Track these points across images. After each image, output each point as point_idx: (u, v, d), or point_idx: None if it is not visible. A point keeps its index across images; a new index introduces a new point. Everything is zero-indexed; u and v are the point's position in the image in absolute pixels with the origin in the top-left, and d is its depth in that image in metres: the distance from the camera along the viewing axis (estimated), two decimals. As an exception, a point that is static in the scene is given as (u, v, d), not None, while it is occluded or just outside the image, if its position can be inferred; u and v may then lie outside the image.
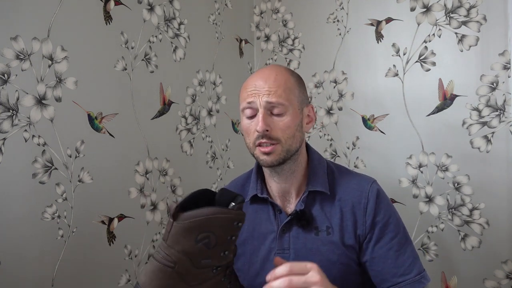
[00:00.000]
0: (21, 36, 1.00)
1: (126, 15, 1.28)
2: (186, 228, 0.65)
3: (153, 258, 0.67)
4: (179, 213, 0.65)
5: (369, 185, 0.91)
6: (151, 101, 1.37)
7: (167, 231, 0.66)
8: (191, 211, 0.65)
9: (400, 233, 0.89)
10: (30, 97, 1.02)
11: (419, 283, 0.84)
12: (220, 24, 1.71)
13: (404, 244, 0.88)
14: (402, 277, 0.85)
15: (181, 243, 0.65)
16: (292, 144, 0.87)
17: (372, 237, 0.88)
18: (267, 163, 0.87)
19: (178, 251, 0.66)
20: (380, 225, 0.88)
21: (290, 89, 0.87)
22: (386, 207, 0.90)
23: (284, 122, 0.86)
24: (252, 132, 0.87)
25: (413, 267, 0.86)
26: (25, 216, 1.01)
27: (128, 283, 1.27)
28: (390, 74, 1.54)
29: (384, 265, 0.86)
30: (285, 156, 0.87)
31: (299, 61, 1.78)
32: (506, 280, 1.35)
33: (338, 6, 1.66)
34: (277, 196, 0.94)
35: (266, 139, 0.85)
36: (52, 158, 1.07)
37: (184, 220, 0.65)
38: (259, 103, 0.85)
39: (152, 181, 1.37)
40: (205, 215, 0.65)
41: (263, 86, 0.86)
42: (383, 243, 0.87)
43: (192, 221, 0.65)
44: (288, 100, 0.86)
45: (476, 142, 1.39)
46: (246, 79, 0.92)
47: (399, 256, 0.86)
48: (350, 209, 0.89)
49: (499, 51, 1.35)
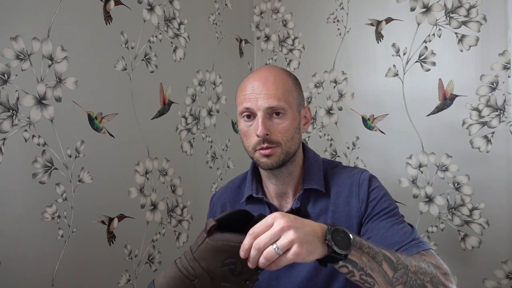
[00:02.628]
0: (21, 36, 1.00)
1: (126, 15, 1.28)
2: (217, 248, 0.64)
3: (176, 265, 0.66)
4: (215, 231, 0.64)
5: (360, 174, 0.91)
6: (151, 101, 1.37)
7: (197, 244, 0.65)
8: (226, 234, 0.64)
9: (395, 209, 0.87)
10: (30, 97, 1.02)
11: (416, 247, 0.79)
12: (220, 24, 1.71)
13: (400, 217, 0.86)
14: (399, 243, 0.81)
15: (208, 261, 0.65)
16: (291, 147, 0.87)
17: (368, 217, 0.87)
18: (267, 166, 0.87)
19: (202, 268, 0.65)
20: (374, 204, 0.87)
21: (288, 91, 0.87)
22: (378, 188, 0.89)
23: (283, 125, 0.86)
24: (251, 136, 0.86)
25: (410, 235, 0.82)
26: (25, 216, 1.01)
27: (128, 283, 1.27)
28: (390, 74, 1.54)
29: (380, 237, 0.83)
30: (284, 158, 0.87)
31: (299, 61, 1.78)
32: (506, 280, 1.35)
33: (338, 6, 1.66)
34: (274, 196, 0.94)
35: (266, 143, 0.85)
36: (52, 158, 1.07)
37: (217, 240, 0.64)
38: (257, 107, 0.84)
39: (152, 181, 1.37)
40: (239, 242, 0.64)
41: (261, 89, 0.85)
42: (377, 218, 0.86)
43: (225, 244, 0.64)
44: (287, 103, 0.86)
45: (476, 142, 1.39)
46: (243, 81, 0.91)
47: (394, 225, 0.84)
48: (344, 201, 0.89)
49: (499, 51, 1.35)
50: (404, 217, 0.89)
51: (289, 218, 0.62)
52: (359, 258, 0.65)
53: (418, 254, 0.77)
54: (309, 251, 0.60)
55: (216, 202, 1.03)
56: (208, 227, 0.64)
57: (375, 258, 0.67)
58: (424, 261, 0.73)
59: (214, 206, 1.03)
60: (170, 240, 1.44)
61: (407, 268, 0.69)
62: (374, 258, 0.67)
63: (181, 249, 1.47)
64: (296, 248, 0.59)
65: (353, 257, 0.64)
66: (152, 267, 1.36)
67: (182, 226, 1.48)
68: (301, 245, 0.59)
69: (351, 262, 0.65)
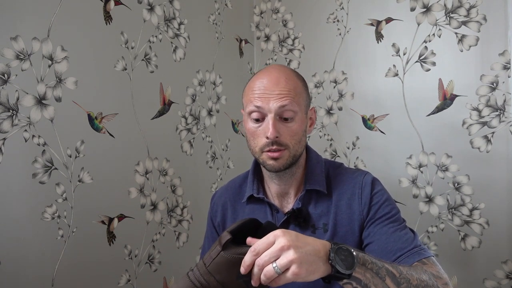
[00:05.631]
0: (21, 36, 1.00)
1: (126, 15, 1.28)
2: (232, 262, 0.63)
3: (189, 277, 0.66)
4: (231, 245, 0.64)
5: (363, 176, 0.91)
6: (151, 101, 1.37)
7: (211, 257, 0.65)
8: (240, 247, 0.64)
9: (397, 214, 0.87)
10: (30, 97, 1.02)
11: (417, 255, 0.80)
12: (220, 24, 1.71)
13: (402, 223, 0.86)
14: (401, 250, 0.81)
15: (223, 274, 0.64)
16: (298, 149, 0.87)
17: (370, 221, 0.87)
18: (275, 168, 0.86)
19: (217, 281, 0.64)
20: (376, 208, 0.87)
21: (299, 94, 0.86)
22: (381, 192, 0.89)
23: (293, 128, 0.85)
24: (259, 136, 0.85)
25: (411, 242, 0.82)
26: (25, 216, 1.01)
27: (128, 283, 1.27)
28: (390, 74, 1.54)
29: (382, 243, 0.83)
30: (291, 161, 0.86)
31: (299, 61, 1.78)
32: (506, 280, 1.35)
33: (338, 6, 1.66)
34: (276, 196, 0.94)
35: (275, 145, 0.84)
36: (52, 158, 1.07)
37: (232, 253, 0.63)
38: (269, 108, 0.83)
39: (152, 181, 1.37)
40: None
41: (273, 89, 0.83)
42: (379, 222, 0.85)
43: (240, 258, 0.63)
44: (298, 105, 0.85)
45: (476, 142, 1.39)
46: (251, 79, 0.88)
47: (396, 231, 0.83)
48: (346, 203, 0.89)
49: (499, 51, 1.35)
50: (405, 221, 0.89)
51: (291, 236, 0.61)
52: (363, 274, 0.65)
53: (419, 263, 0.78)
54: (309, 271, 0.60)
55: (217, 202, 1.03)
56: (223, 241, 0.63)
57: (378, 274, 0.67)
58: (425, 272, 0.74)
59: (215, 205, 1.03)
60: (170, 240, 1.44)
61: (410, 282, 0.69)
62: (378, 273, 0.67)
63: (181, 249, 1.47)
64: (295, 268, 0.58)
65: (357, 274, 0.64)
66: (152, 267, 1.36)
67: (182, 226, 1.48)
68: (301, 265, 0.59)
69: (355, 279, 0.65)
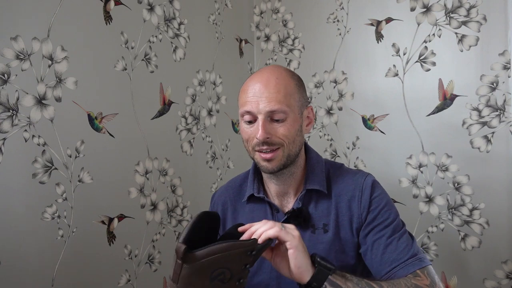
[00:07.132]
0: (21, 36, 1.00)
1: (126, 15, 1.28)
2: (199, 268, 0.60)
3: None
4: (189, 254, 0.60)
5: (363, 178, 0.91)
6: (151, 101, 1.37)
7: (177, 273, 0.61)
8: (202, 250, 0.60)
9: (395, 219, 0.88)
10: (30, 97, 1.02)
11: (412, 266, 0.81)
12: (220, 24, 1.71)
13: (400, 230, 0.87)
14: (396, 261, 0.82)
15: (195, 284, 0.61)
16: (292, 149, 0.87)
17: (367, 227, 0.87)
18: (268, 170, 0.86)
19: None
20: (375, 213, 0.87)
21: (290, 94, 0.86)
22: (380, 196, 0.89)
23: (284, 128, 0.85)
24: (252, 138, 0.86)
25: (408, 252, 0.83)
26: (25, 216, 1.01)
27: (128, 283, 1.27)
28: (390, 74, 1.54)
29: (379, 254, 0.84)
30: (285, 162, 0.86)
31: (299, 61, 1.78)
32: (506, 280, 1.35)
33: (338, 6, 1.66)
34: (275, 196, 0.94)
35: (266, 146, 0.84)
36: (52, 158, 1.07)
37: (195, 261, 0.60)
38: (258, 110, 0.83)
39: (152, 181, 1.37)
40: (219, 252, 0.61)
41: (262, 92, 0.83)
42: (377, 231, 0.86)
43: (205, 260, 0.60)
44: (288, 106, 0.84)
45: (476, 142, 1.39)
46: (245, 82, 0.89)
47: (392, 241, 0.84)
48: (346, 204, 0.89)
49: (499, 51, 1.35)
50: (405, 226, 0.89)
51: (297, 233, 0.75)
52: (344, 283, 0.73)
53: (412, 275, 0.80)
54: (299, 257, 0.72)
55: (217, 201, 1.03)
56: (180, 254, 0.59)
57: (359, 284, 0.74)
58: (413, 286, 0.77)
59: (215, 205, 1.03)
60: (170, 240, 1.44)
61: None
62: (358, 284, 0.74)
63: (181, 249, 1.47)
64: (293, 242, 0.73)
65: (338, 281, 0.73)
66: (152, 267, 1.36)
67: (182, 226, 1.48)
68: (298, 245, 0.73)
69: (337, 286, 0.71)
